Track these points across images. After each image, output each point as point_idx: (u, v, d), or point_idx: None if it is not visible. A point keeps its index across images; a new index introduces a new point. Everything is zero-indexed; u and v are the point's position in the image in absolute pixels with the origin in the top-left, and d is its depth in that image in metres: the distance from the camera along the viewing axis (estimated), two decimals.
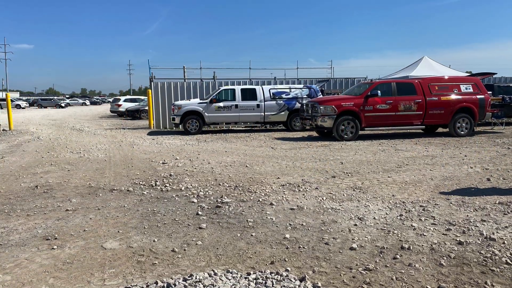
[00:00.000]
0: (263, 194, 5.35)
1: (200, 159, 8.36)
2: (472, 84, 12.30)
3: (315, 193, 5.37)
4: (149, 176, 6.65)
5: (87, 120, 24.66)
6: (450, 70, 18.55)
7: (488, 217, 4.25)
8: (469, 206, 4.66)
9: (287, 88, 15.07)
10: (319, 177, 6.38)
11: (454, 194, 5.22)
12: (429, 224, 4.10)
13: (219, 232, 3.96)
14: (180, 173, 6.89)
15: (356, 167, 7.25)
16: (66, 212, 4.72)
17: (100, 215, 4.58)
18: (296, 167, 7.34)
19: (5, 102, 21.13)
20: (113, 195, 5.50)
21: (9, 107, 17.27)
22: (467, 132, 12.02)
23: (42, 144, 11.65)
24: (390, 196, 5.16)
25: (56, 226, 4.22)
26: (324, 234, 3.84)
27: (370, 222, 4.18)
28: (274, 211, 4.60)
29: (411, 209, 4.59)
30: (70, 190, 5.82)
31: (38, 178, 6.71)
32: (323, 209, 4.66)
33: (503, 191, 5.35)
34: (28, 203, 5.15)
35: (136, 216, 4.50)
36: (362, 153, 8.97)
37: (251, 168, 7.24)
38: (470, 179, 6.12)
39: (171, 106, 15.76)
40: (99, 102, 76.87)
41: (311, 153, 9.01)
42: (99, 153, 9.58)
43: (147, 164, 7.85)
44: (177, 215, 4.53)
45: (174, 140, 12.25)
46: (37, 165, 8.00)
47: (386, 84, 12.05)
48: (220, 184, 6.02)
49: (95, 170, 7.36)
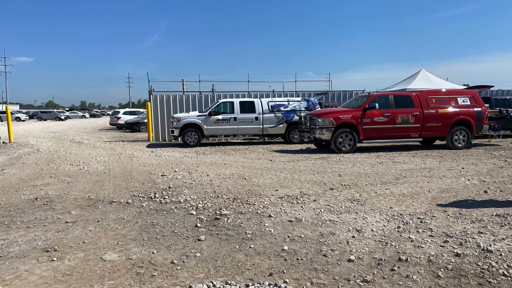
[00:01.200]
0: (261, 206, 5.38)
1: (199, 172, 8.40)
2: (469, 97, 12.42)
3: (313, 205, 5.40)
4: (148, 188, 6.68)
5: (86, 133, 24.71)
6: (448, 83, 18.71)
7: (485, 229, 4.29)
8: (466, 218, 4.70)
9: (285, 100, 15.19)
10: (317, 189, 6.41)
11: (452, 206, 5.25)
12: (426, 236, 4.13)
13: (218, 244, 3.99)
14: (179, 185, 6.92)
15: (354, 179, 7.29)
16: (66, 224, 4.74)
17: (99, 227, 4.60)
18: (294, 179, 7.38)
19: (5, 114, 21.17)
20: (112, 207, 5.52)
21: (9, 119, 17.33)
22: (464, 145, 12.10)
23: (42, 156, 11.68)
24: (387, 208, 5.20)
25: (55, 238, 4.23)
26: (322, 246, 3.87)
27: (368, 234, 4.20)
28: (273, 223, 4.63)
29: (409, 221, 4.63)
30: (70, 202, 5.84)
31: (38, 190, 6.73)
32: (321, 221, 4.69)
33: (500, 203, 5.39)
34: (28, 215, 5.17)
35: (135, 228, 4.52)
36: (360, 165, 9.02)
37: (249, 181, 7.28)
38: (467, 191, 6.16)
39: (170, 119, 15.84)
40: (98, 114, 77.08)
41: (309, 166, 9.05)
42: (99, 165, 9.62)
43: (146, 177, 7.88)
44: (176, 227, 4.56)
45: (173, 153, 12.29)
46: (37, 177, 8.02)
47: (384, 97, 12.16)
48: (219, 196, 6.05)
49: (94, 182, 7.39)
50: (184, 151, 12.69)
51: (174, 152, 12.57)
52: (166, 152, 12.40)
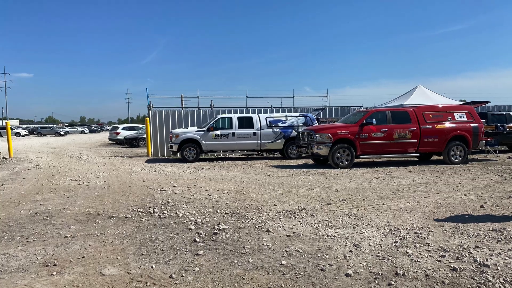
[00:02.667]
0: (259, 221, 5.41)
1: (198, 187, 8.44)
2: (466, 112, 12.57)
3: (311, 220, 5.44)
4: (147, 203, 6.71)
5: (86, 148, 24.75)
6: (444, 98, 18.90)
7: (482, 244, 4.33)
8: (463, 233, 4.74)
9: (283, 116, 15.33)
10: (315, 204, 6.46)
11: (448, 221, 5.30)
12: (423, 250, 4.16)
13: (216, 258, 4.02)
14: (178, 200, 6.96)
15: (352, 194, 7.34)
16: (65, 238, 4.76)
17: (98, 241, 4.62)
18: (292, 194, 7.42)
19: (5, 130, 21.25)
20: (111, 222, 5.55)
21: (9, 135, 17.40)
22: (461, 160, 12.19)
23: (42, 171, 11.70)
24: (385, 223, 5.24)
25: (55, 252, 4.26)
26: (320, 261, 3.90)
27: (365, 248, 4.24)
28: (271, 238, 4.66)
29: (406, 236, 4.67)
30: (69, 217, 5.87)
31: (37, 205, 6.76)
32: (319, 235, 4.73)
33: (497, 218, 5.43)
34: (27, 229, 5.19)
35: (134, 243, 4.55)
36: (357, 180, 9.07)
37: (247, 195, 7.32)
38: (464, 206, 6.22)
39: (169, 134, 15.93)
40: (97, 130, 77.21)
41: (307, 181, 9.11)
42: (98, 180, 9.65)
43: (145, 192, 7.91)
44: (175, 241, 4.58)
45: (172, 168, 12.33)
46: (37, 192, 8.05)
47: (381, 113, 12.30)
48: (217, 211, 6.08)
49: (94, 197, 7.42)
50: (183, 166, 12.74)
51: (173, 167, 12.62)
52: (165, 167, 12.44)
